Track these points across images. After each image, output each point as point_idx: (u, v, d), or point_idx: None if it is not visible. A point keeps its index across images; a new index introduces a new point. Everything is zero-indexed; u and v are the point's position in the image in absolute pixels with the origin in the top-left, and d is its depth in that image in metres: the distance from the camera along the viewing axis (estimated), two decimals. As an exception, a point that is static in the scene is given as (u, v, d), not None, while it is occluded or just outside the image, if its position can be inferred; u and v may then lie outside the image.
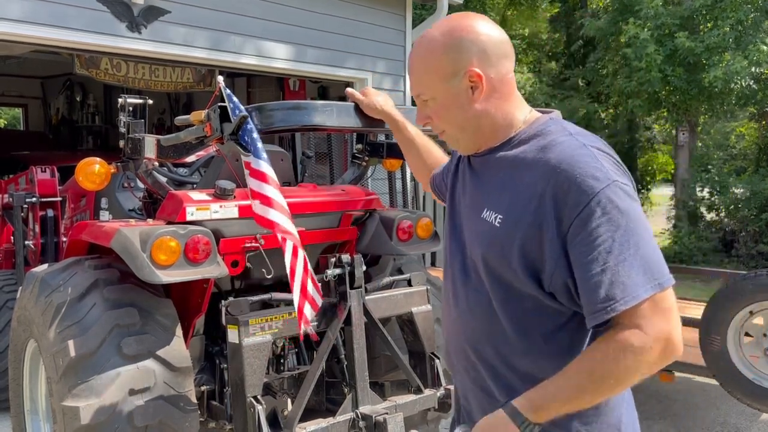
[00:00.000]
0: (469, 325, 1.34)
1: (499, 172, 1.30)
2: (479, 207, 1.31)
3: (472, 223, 1.33)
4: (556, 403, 1.18)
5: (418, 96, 1.36)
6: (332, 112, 2.24)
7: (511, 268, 1.23)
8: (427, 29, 1.36)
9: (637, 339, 1.13)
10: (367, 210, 3.29)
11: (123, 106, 2.79)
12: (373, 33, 7.15)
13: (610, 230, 1.14)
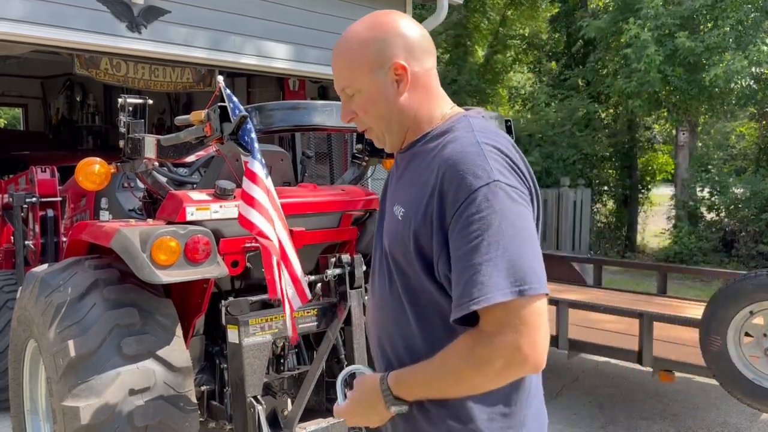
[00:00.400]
0: (382, 318, 1.36)
1: (409, 168, 1.32)
2: (393, 202, 1.34)
3: (387, 218, 1.35)
4: (413, 381, 1.24)
5: (342, 90, 1.34)
6: (332, 112, 2.24)
7: (409, 261, 1.25)
8: (349, 25, 1.35)
9: (481, 344, 1.13)
10: (368, 210, 3.29)
11: (123, 106, 2.79)
12: (372, 33, 7.14)
13: (482, 228, 1.13)
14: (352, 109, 1.34)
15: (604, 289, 5.56)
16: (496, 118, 2.73)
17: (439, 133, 1.29)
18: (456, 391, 1.20)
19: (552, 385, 4.85)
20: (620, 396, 4.62)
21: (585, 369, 5.23)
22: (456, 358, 1.16)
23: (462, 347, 1.16)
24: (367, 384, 1.30)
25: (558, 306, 4.01)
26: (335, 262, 2.67)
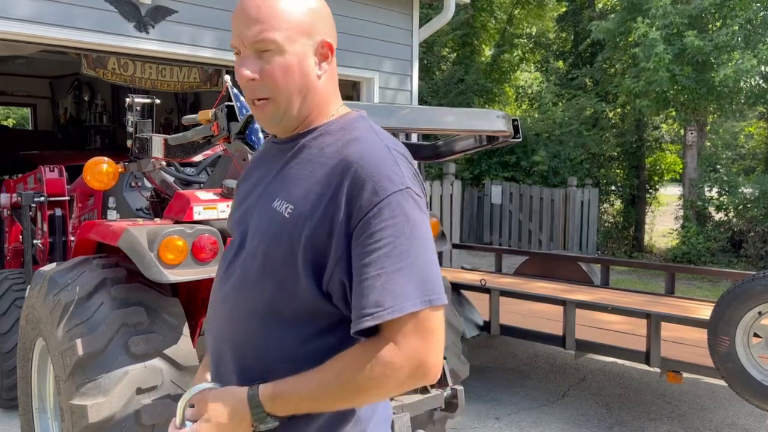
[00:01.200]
0: (233, 325, 1.20)
1: (298, 161, 1.19)
2: (272, 196, 1.19)
3: (261, 213, 1.20)
4: (296, 396, 1.10)
5: (257, 41, 1.14)
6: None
7: (292, 263, 1.13)
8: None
9: (389, 354, 1.07)
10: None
11: (131, 105, 2.80)
12: (379, 32, 7.15)
13: (393, 235, 1.07)
14: (259, 68, 1.15)
15: (612, 289, 5.54)
16: (503, 117, 2.72)
17: (335, 129, 1.19)
18: (349, 403, 1.12)
19: (559, 385, 4.83)
20: (628, 396, 4.60)
21: (592, 369, 5.21)
22: (355, 369, 1.07)
23: (362, 357, 1.07)
24: (228, 401, 1.13)
25: (565, 306, 4.00)
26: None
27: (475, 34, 15.48)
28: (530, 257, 6.28)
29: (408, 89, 7.62)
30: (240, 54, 1.16)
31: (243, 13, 1.14)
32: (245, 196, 1.28)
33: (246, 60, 1.15)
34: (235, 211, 1.29)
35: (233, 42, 1.17)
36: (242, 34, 1.14)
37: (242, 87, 1.17)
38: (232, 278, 1.21)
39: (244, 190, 1.29)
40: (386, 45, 7.25)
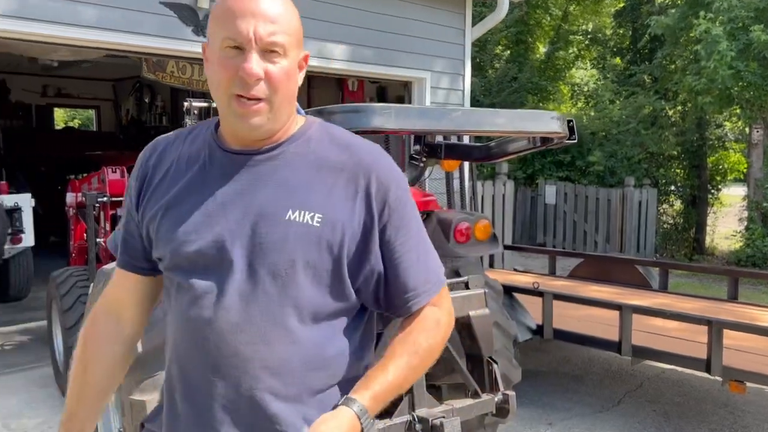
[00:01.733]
0: (261, 347, 1.13)
1: (292, 169, 1.18)
2: (276, 208, 1.15)
3: (269, 225, 1.15)
4: (390, 388, 1.17)
5: (272, 41, 1.12)
6: (390, 114, 2.24)
7: (338, 268, 1.16)
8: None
9: (440, 316, 1.27)
10: (424, 211, 3.28)
11: (188, 109, 2.88)
12: (431, 32, 7.12)
13: (416, 223, 1.26)
14: (266, 68, 1.13)
15: (671, 293, 5.36)
16: (558, 118, 2.67)
17: (317, 136, 1.23)
18: (425, 370, 1.27)
19: (614, 391, 4.71)
20: (687, 405, 4.44)
21: (649, 376, 5.06)
22: (427, 339, 1.23)
23: (427, 328, 1.24)
24: (341, 427, 1.10)
25: (621, 311, 3.90)
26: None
27: (530, 31, 15.24)
28: (585, 259, 6.14)
29: (460, 88, 7.57)
30: (240, 49, 1.12)
31: (259, 10, 1.12)
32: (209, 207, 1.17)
33: (251, 56, 1.11)
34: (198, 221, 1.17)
35: (240, 36, 1.11)
36: (257, 30, 1.11)
37: (239, 82, 1.12)
38: (236, 294, 1.14)
39: (200, 197, 1.18)
40: (438, 44, 7.22)
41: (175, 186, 1.21)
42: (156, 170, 1.25)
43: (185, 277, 1.17)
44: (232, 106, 1.14)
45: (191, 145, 1.25)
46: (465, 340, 3.01)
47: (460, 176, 6.24)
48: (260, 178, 1.17)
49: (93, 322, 1.37)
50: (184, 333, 1.18)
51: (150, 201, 1.24)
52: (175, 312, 1.20)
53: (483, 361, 2.95)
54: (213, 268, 1.15)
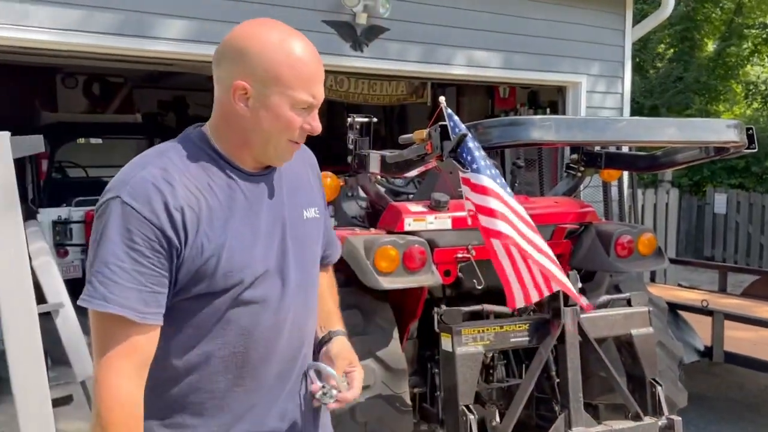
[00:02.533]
0: (302, 321, 1.43)
1: (287, 176, 1.42)
2: (299, 210, 1.42)
3: (299, 228, 1.41)
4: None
5: (320, 103, 1.35)
6: (550, 126, 2.21)
7: (322, 247, 1.55)
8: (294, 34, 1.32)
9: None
10: (582, 223, 3.18)
11: (351, 125, 3.04)
12: (587, 34, 6.85)
13: None
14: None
15: None
16: (735, 127, 2.47)
17: None
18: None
19: None
20: None
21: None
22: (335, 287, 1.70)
23: (333, 278, 1.70)
24: (348, 347, 1.56)
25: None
26: (549, 277, 2.63)
27: (697, 27, 14.10)
28: (762, 276, 5.57)
29: (619, 92, 7.20)
30: (309, 109, 1.32)
31: (321, 72, 1.34)
32: (257, 231, 1.34)
33: (315, 115, 1.35)
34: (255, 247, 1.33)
35: (314, 100, 1.31)
36: (320, 94, 1.33)
37: (301, 134, 1.33)
38: (292, 285, 1.39)
39: (248, 226, 1.32)
40: (595, 47, 6.93)
41: (228, 217, 1.30)
42: (183, 212, 1.24)
43: (261, 291, 1.34)
44: (284, 147, 1.35)
45: (209, 176, 1.31)
46: (626, 359, 2.87)
47: (619, 184, 5.95)
48: (265, 192, 1.38)
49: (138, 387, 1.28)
50: (258, 332, 1.35)
51: (202, 240, 1.26)
52: (244, 318, 1.33)
53: (645, 383, 2.80)
54: (273, 276, 1.36)
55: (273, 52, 1.28)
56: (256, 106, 1.29)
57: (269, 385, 1.38)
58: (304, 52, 1.30)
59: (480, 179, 2.09)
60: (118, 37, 4.68)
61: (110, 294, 1.20)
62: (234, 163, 1.34)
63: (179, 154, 1.31)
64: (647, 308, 2.85)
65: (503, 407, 3.09)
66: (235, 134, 1.33)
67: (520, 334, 2.63)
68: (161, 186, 1.24)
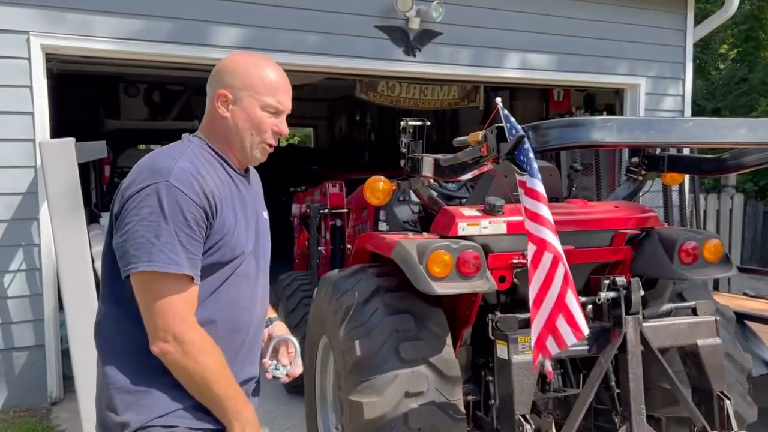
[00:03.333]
0: (265, 299, 1.78)
1: (254, 184, 1.79)
2: (260, 210, 1.77)
3: (263, 223, 1.78)
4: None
5: (289, 109, 1.68)
6: (612, 127, 2.13)
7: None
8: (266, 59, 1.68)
9: None
10: (644, 228, 3.07)
11: (405, 128, 3.02)
12: (646, 35, 6.66)
13: None
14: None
15: None
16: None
17: None
18: None
19: None
20: None
21: None
22: None
23: None
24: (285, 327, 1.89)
25: None
26: (609, 285, 2.54)
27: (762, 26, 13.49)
28: (837, 287, 5.24)
29: (679, 93, 6.97)
30: (276, 114, 1.65)
31: (287, 87, 1.67)
32: (247, 218, 1.67)
33: (283, 120, 1.68)
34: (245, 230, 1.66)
35: (280, 105, 1.65)
36: (286, 103, 1.67)
37: (271, 136, 1.66)
38: (260, 274, 1.74)
39: (241, 213, 1.65)
40: (654, 48, 6.73)
41: (233, 204, 1.64)
42: (214, 197, 1.57)
43: (245, 266, 1.66)
44: (258, 147, 1.67)
45: (216, 171, 1.64)
46: (691, 370, 2.76)
47: (680, 189, 5.73)
48: (246, 191, 1.71)
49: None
50: (242, 300, 1.67)
51: (223, 219, 1.58)
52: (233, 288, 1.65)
53: (712, 396, 2.67)
54: (251, 259, 1.69)
55: (247, 67, 1.64)
56: (234, 108, 1.63)
57: (246, 346, 1.71)
58: (272, 69, 1.66)
59: (534, 183, 2.03)
60: (177, 45, 4.81)
61: (180, 259, 1.48)
62: (228, 161, 1.67)
63: (194, 153, 1.62)
64: (714, 318, 2.72)
65: (559, 417, 3.00)
66: (221, 136, 1.66)
67: (579, 342, 2.54)
68: (196, 175, 1.55)
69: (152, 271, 1.47)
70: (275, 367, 1.76)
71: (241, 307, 1.66)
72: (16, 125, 4.42)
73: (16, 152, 4.43)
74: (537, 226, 2.05)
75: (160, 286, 1.48)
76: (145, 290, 1.50)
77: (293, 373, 1.80)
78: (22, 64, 4.40)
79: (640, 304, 2.52)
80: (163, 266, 1.47)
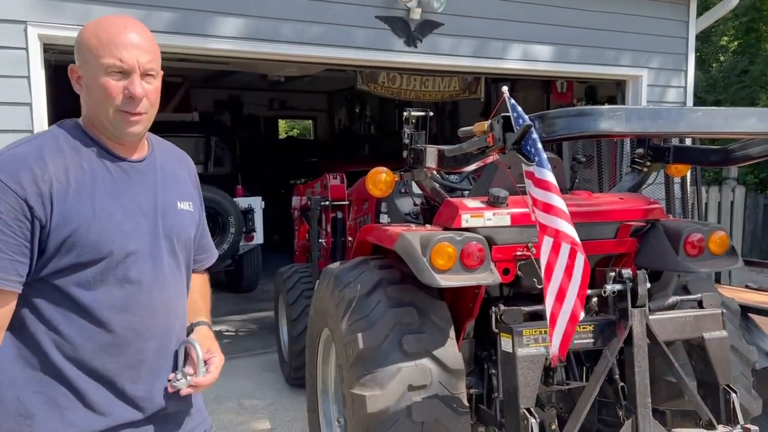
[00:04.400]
0: (175, 303, 1.57)
1: (162, 170, 1.57)
2: (172, 200, 1.56)
3: (171, 216, 1.55)
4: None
5: (150, 67, 1.45)
6: (621, 116, 2.09)
7: (195, 241, 1.66)
8: (112, 16, 1.46)
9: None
10: (649, 220, 3.04)
11: (407, 118, 2.98)
12: (648, 26, 6.61)
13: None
14: (143, 88, 1.44)
15: None
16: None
17: (156, 142, 1.63)
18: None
19: None
20: None
21: None
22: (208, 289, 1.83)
23: (207, 280, 1.84)
24: (210, 336, 1.67)
25: None
26: (615, 277, 2.51)
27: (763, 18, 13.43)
28: (840, 280, 5.23)
29: (681, 85, 6.92)
30: (124, 73, 1.42)
31: (143, 43, 1.44)
32: (126, 211, 1.45)
33: (135, 79, 1.43)
34: (119, 226, 1.43)
35: (123, 63, 1.41)
36: (139, 59, 1.43)
37: (125, 101, 1.42)
38: (164, 267, 1.53)
39: (114, 206, 1.44)
40: (656, 39, 6.67)
41: (93, 195, 1.41)
42: (51, 186, 1.35)
43: (128, 269, 1.45)
44: (115, 118, 1.43)
45: (81, 156, 1.43)
46: (697, 363, 2.73)
47: (682, 181, 5.70)
48: (139, 180, 1.51)
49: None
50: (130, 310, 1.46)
51: (67, 212, 1.36)
52: (109, 296, 1.43)
53: (718, 389, 2.65)
54: (146, 259, 1.48)
55: (88, 31, 1.44)
56: (84, 82, 1.44)
57: (149, 360, 1.52)
58: (110, 23, 1.44)
59: (543, 174, 1.99)
60: (177, 36, 4.75)
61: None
62: (104, 145, 1.48)
63: (53, 135, 1.45)
64: (721, 310, 2.69)
65: (563, 411, 2.98)
66: (87, 116, 1.48)
67: (585, 335, 2.52)
68: (31, 161, 1.35)
69: None
70: (177, 378, 1.52)
71: (130, 319, 1.45)
72: (13, 116, 4.36)
73: (14, 143, 4.38)
74: (550, 217, 2.00)
75: None
76: None
77: (199, 382, 1.53)
78: (19, 54, 4.34)
79: (646, 297, 2.49)
80: None
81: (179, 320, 1.61)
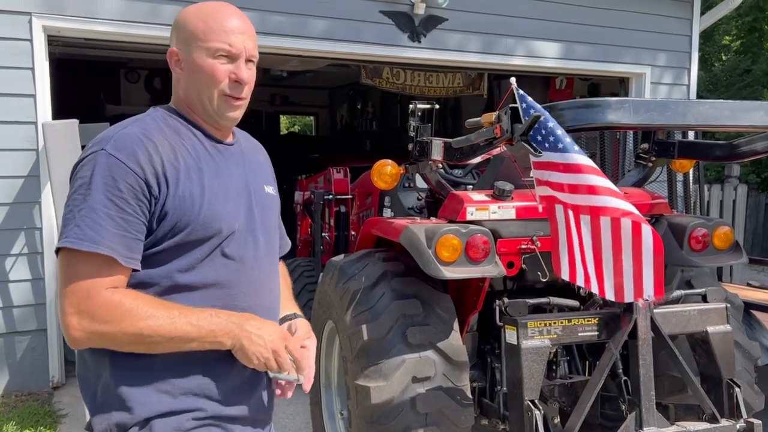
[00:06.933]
0: (272, 284, 1.57)
1: (247, 155, 1.58)
2: (260, 184, 1.57)
3: (261, 198, 1.56)
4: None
5: (254, 54, 1.48)
6: (628, 108, 2.09)
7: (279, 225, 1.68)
8: (223, 3, 1.48)
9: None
10: (654, 215, 3.04)
11: (413, 111, 2.98)
12: (652, 23, 6.60)
13: None
14: (249, 76, 1.47)
15: None
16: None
17: (235, 128, 1.61)
18: None
19: None
20: None
21: None
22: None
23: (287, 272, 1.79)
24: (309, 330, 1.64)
25: None
26: (620, 270, 2.50)
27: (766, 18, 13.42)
28: (842, 278, 5.23)
29: (685, 83, 6.92)
30: (231, 58, 1.44)
31: (248, 29, 1.47)
32: (227, 191, 1.46)
33: (241, 64, 1.45)
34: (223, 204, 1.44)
35: (232, 48, 1.43)
36: (246, 44, 1.45)
37: (230, 85, 1.44)
38: (262, 249, 1.52)
39: (217, 185, 1.45)
40: (660, 36, 6.67)
41: (201, 174, 1.43)
42: (163, 165, 1.37)
43: (234, 247, 1.45)
44: (219, 101, 1.45)
45: (182, 138, 1.45)
46: (700, 358, 2.73)
47: (684, 178, 5.70)
48: (232, 162, 1.52)
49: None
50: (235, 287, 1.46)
51: (182, 191, 1.38)
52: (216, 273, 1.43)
53: (722, 383, 2.65)
54: (246, 238, 1.48)
55: (191, 16, 1.45)
56: (185, 66, 1.45)
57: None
58: (218, 9, 1.46)
59: (572, 158, 1.95)
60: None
61: (100, 237, 1.28)
62: (201, 127, 1.48)
63: (153, 119, 1.45)
64: (725, 305, 2.69)
65: (565, 404, 2.99)
66: (183, 100, 1.48)
67: (589, 328, 2.52)
68: (144, 141, 1.37)
69: (65, 248, 1.29)
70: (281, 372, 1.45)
71: (234, 295, 1.44)
72: (17, 108, 4.37)
73: (18, 135, 4.38)
74: (591, 197, 1.97)
75: (68, 265, 1.30)
76: (59, 272, 1.32)
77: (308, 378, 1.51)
78: (24, 46, 4.35)
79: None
80: (75, 242, 1.27)
81: (277, 302, 1.60)
